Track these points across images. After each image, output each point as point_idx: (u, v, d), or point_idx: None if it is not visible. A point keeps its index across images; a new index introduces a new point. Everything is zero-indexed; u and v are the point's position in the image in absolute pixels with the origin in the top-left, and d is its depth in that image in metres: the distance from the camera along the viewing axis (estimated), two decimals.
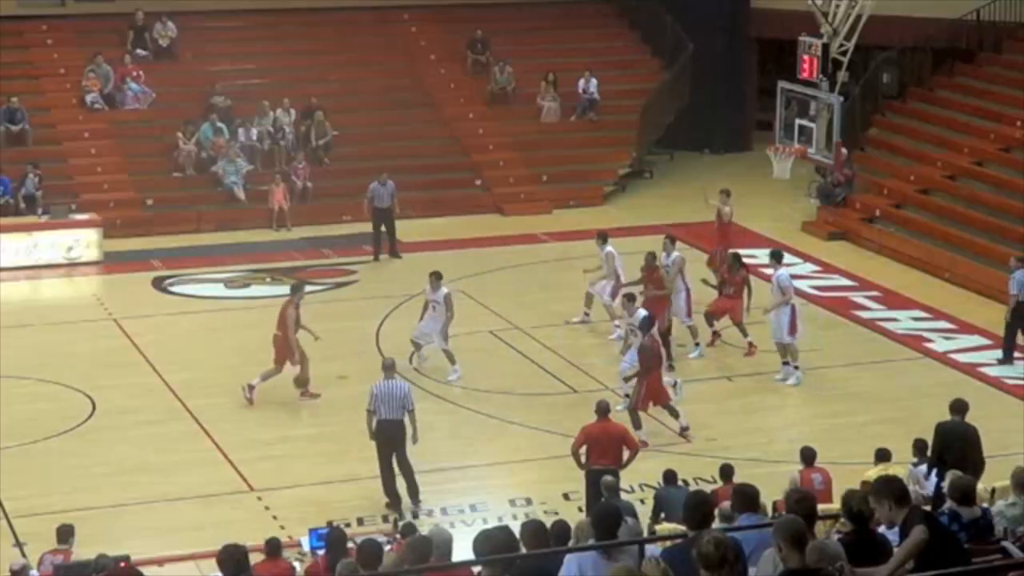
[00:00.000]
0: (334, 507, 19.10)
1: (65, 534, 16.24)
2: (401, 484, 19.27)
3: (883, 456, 17.56)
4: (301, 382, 22.56)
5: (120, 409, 22.36)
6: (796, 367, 23.64)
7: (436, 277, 23.63)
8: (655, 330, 21.86)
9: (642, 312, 21.98)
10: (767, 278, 24.77)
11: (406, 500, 19.20)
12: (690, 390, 23.33)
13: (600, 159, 36.14)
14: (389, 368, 19.60)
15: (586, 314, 25.99)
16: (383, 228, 30.25)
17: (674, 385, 21.87)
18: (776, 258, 24.38)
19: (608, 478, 16.91)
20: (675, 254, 24.60)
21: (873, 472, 16.50)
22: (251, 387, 22.37)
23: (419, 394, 22.88)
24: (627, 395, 21.80)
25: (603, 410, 18.72)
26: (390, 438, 19.12)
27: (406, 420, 19.13)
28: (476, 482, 20.30)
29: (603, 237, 25.94)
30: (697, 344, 24.56)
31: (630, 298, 22.40)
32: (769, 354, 24.53)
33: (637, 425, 20.82)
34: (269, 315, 26.56)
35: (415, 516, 18.74)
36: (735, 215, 28.76)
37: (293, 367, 22.48)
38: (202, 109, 34.03)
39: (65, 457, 20.80)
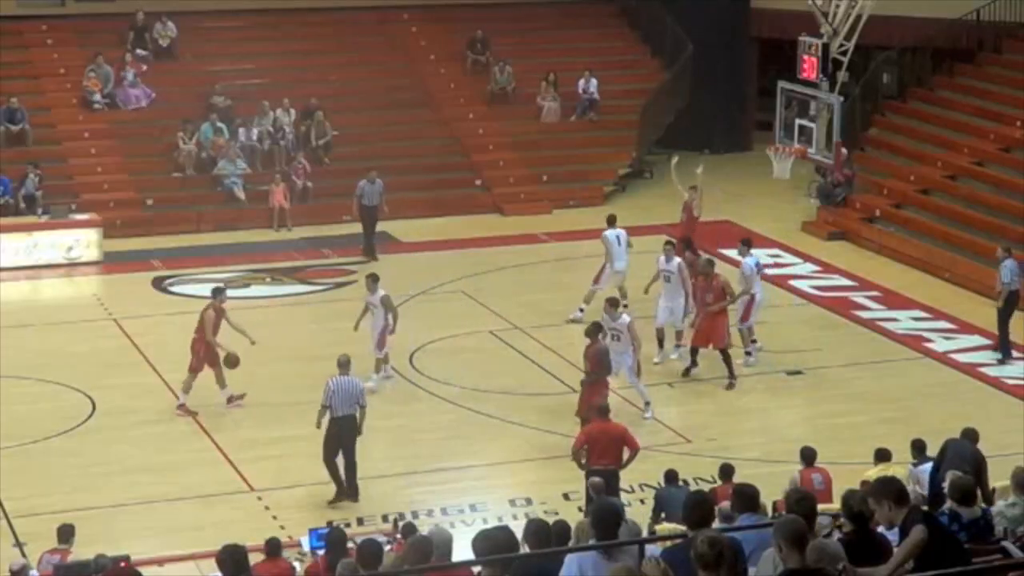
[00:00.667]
0: (334, 507, 19.11)
1: (66, 534, 16.24)
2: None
3: (883, 456, 17.56)
4: (221, 382, 22.32)
5: (120, 409, 22.35)
6: (748, 352, 23.92)
7: (373, 279, 23.41)
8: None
9: (626, 318, 21.95)
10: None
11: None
12: (690, 390, 23.36)
13: (600, 159, 36.14)
14: (344, 365, 19.66)
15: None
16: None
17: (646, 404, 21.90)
18: (746, 245, 24.83)
19: (595, 479, 16.99)
20: (675, 259, 24.34)
21: (873, 472, 16.51)
22: (180, 405, 22.25)
23: (419, 394, 22.98)
24: (647, 402, 21.92)
25: (603, 411, 18.73)
26: (345, 433, 19.26)
27: (358, 415, 19.33)
28: (476, 482, 20.31)
29: (610, 220, 26.54)
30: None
31: (612, 303, 22.36)
32: (769, 354, 24.56)
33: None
34: (269, 315, 26.69)
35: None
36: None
37: (212, 369, 22.23)
38: (202, 109, 34.03)
39: (65, 457, 20.80)
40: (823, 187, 33.21)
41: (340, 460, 19.41)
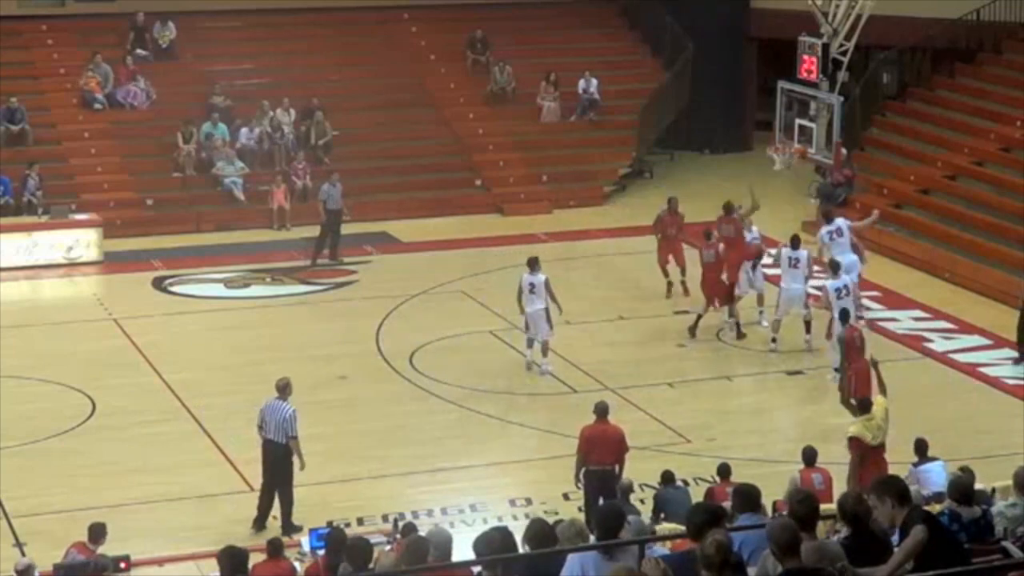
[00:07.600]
0: (334, 507, 19.10)
1: (97, 534, 16.09)
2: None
3: (864, 407, 17.86)
4: None
5: (120, 409, 22.33)
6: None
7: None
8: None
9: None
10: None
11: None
12: (690, 390, 23.35)
13: (600, 159, 36.12)
14: (281, 389, 18.83)
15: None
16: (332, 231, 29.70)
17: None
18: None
19: (622, 481, 17.45)
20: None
21: (855, 428, 17.47)
22: None
23: (419, 394, 22.96)
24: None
25: (602, 411, 18.71)
26: (267, 458, 18.62)
27: (291, 446, 18.48)
28: (476, 482, 20.29)
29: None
30: None
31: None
32: (769, 354, 24.55)
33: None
34: (269, 315, 26.71)
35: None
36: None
37: None
38: (202, 109, 34.03)
39: (65, 457, 20.79)
40: (823, 187, 33.18)
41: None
